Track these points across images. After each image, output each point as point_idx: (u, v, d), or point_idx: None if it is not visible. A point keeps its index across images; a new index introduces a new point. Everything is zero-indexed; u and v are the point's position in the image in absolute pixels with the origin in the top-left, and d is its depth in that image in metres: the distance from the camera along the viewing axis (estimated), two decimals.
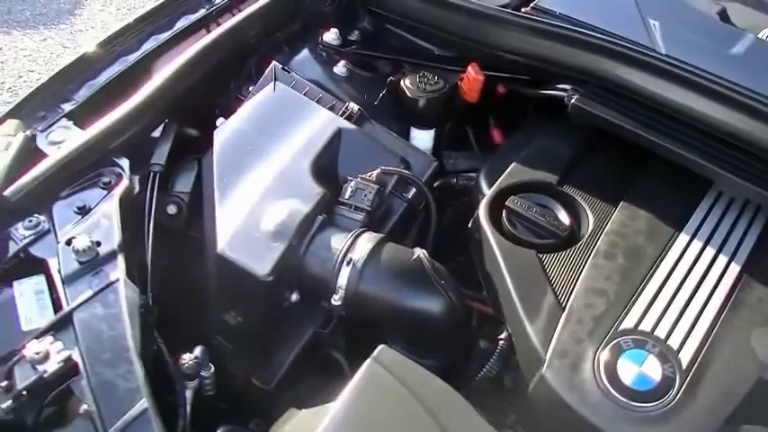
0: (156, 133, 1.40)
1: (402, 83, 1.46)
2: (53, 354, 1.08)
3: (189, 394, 1.14)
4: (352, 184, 1.25)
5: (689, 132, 1.28)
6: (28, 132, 1.35)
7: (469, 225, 1.28)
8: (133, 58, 1.49)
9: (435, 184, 1.43)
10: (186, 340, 1.17)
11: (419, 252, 1.18)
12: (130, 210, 1.26)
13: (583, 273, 1.17)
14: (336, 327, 1.26)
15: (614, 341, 1.09)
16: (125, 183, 1.27)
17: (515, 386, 1.16)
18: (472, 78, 1.45)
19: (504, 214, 1.25)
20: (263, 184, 1.25)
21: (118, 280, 1.14)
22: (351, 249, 1.16)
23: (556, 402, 1.07)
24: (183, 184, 1.34)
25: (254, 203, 1.22)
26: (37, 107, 1.40)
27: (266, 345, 1.27)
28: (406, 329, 1.17)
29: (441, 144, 1.52)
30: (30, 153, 1.34)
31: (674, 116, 1.29)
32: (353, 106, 1.38)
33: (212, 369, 1.19)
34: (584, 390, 1.06)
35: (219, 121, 1.39)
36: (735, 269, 1.18)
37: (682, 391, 1.05)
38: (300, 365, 1.27)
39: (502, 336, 1.18)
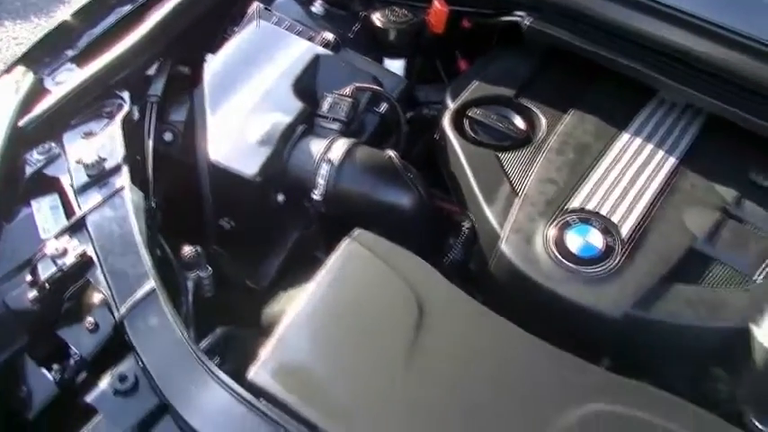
0: (152, 72, 1.55)
1: (373, 16, 1.61)
2: (70, 250, 1.23)
3: (190, 285, 1.29)
4: (329, 98, 1.40)
5: (633, 47, 1.43)
6: (36, 75, 1.49)
7: (435, 136, 1.43)
8: (127, 8, 1.64)
9: (408, 115, 1.58)
10: None
11: (390, 152, 1.34)
12: (131, 134, 1.40)
13: (536, 167, 1.32)
14: (319, 228, 1.41)
15: (563, 218, 1.25)
16: (126, 109, 1.42)
17: (479, 270, 1.31)
18: (437, 10, 1.60)
19: (466, 123, 1.41)
20: (249, 103, 1.40)
21: (124, 187, 1.29)
22: (329, 151, 1.31)
23: (513, 273, 1.22)
24: (178, 114, 1.48)
25: (242, 120, 1.37)
26: (42, 55, 1.54)
27: (258, 248, 1.42)
28: (381, 225, 1.31)
29: (412, 77, 1.67)
30: (38, 93, 1.48)
31: (619, 33, 1.44)
32: (329, 35, 1.54)
33: (210, 270, 1.33)
34: (537, 260, 1.21)
35: (209, 57, 1.54)
36: (672, 160, 1.33)
37: (622, 257, 1.20)
38: (289, 267, 1.42)
39: (465, 224, 1.33)
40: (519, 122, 1.41)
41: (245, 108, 1.39)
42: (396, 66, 1.63)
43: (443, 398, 1.03)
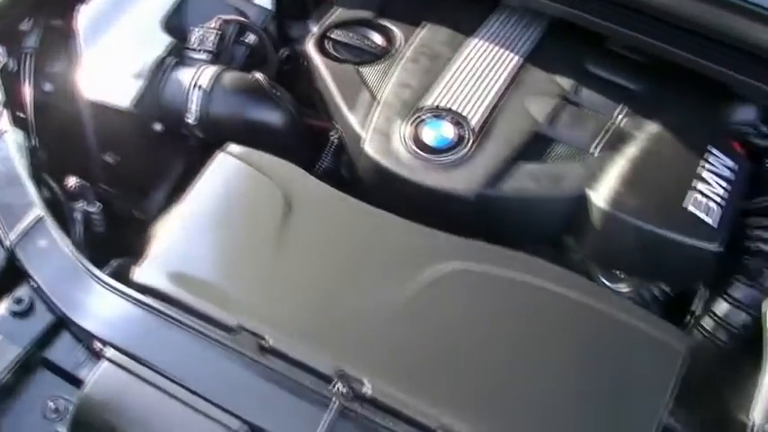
0: (26, 27, 1.61)
1: None
2: None
3: (78, 216, 1.36)
4: (197, 31, 1.49)
5: None
6: None
7: (302, 62, 1.53)
8: None
9: (282, 53, 1.67)
10: None
11: (257, 74, 1.43)
12: (9, 84, 1.46)
13: (393, 76, 1.44)
14: (202, 157, 1.50)
15: (417, 116, 1.37)
16: (2, 60, 1.47)
17: (349, 173, 1.42)
18: None
19: (329, 45, 1.51)
20: (121, 43, 1.48)
21: (5, 131, 1.36)
22: (198, 78, 1.40)
23: (376, 169, 1.34)
24: (55, 66, 1.55)
25: (115, 58, 1.45)
26: None
27: (144, 180, 1.50)
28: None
29: (280, 11, 1.75)
30: None
31: None
32: None
33: (99, 205, 1.41)
34: (397, 154, 1.33)
35: (81, 7, 1.61)
36: (517, 58, 1.47)
37: (472, 144, 1.33)
38: (177, 197, 1.51)
39: (333, 134, 1.44)
40: (377, 39, 1.52)
41: (118, 47, 1.46)
42: (265, 1, 1.71)
43: (312, 272, 1.14)
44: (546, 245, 1.39)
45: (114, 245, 1.40)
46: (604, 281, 1.38)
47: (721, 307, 1.31)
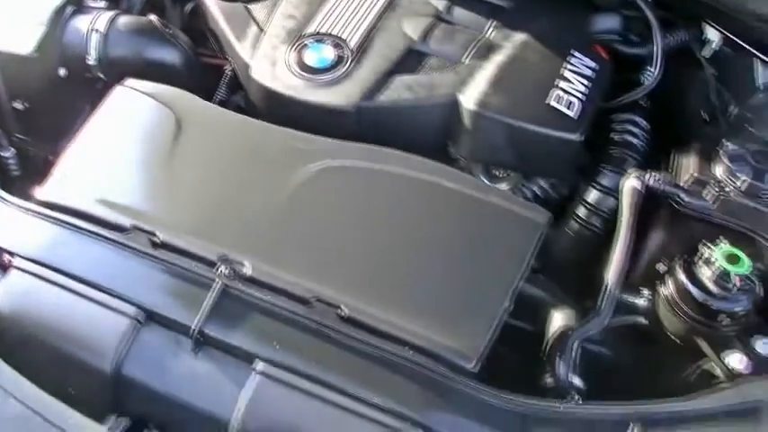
0: None
1: None
2: None
3: None
4: None
5: None
6: None
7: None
8: None
9: (187, 7, 1.77)
10: None
11: (152, 16, 1.54)
12: None
13: (278, 9, 1.55)
14: None
15: (300, 42, 1.48)
16: None
17: (245, 103, 1.53)
18: None
19: None
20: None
21: None
22: (95, 22, 1.50)
23: (265, 92, 1.44)
24: None
25: (15, 7, 1.54)
26: None
27: (55, 125, 1.60)
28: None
29: None
30: None
31: None
32: None
33: (13, 150, 1.51)
34: (282, 77, 1.44)
35: None
36: None
37: (351, 63, 1.44)
38: None
39: (226, 68, 1.54)
40: None
41: (17, 2, 1.56)
42: None
43: (199, 179, 1.25)
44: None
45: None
46: (485, 181, 1.49)
47: (592, 195, 1.43)
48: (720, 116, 1.59)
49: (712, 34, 1.61)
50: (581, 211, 1.42)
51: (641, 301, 1.31)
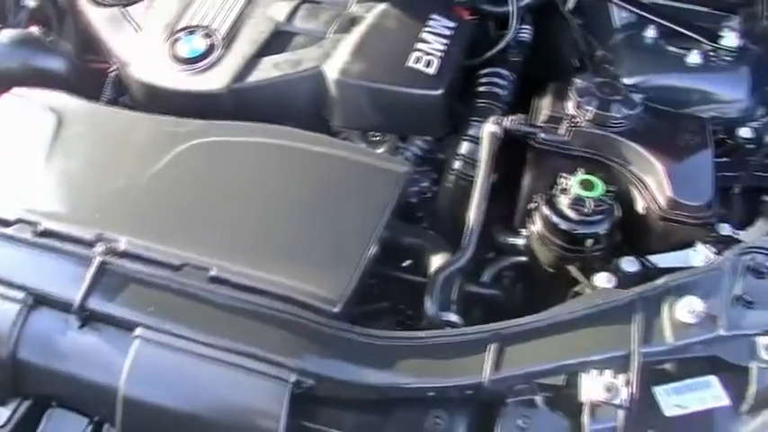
0: None
1: None
2: None
3: None
4: None
5: None
6: None
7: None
8: None
9: None
10: None
11: (33, 28, 1.61)
12: None
13: (152, 9, 1.62)
14: None
15: (174, 36, 1.56)
16: None
17: (131, 98, 1.61)
18: None
19: None
20: None
21: None
22: None
23: (145, 87, 1.52)
24: None
25: None
26: None
27: None
28: None
29: None
30: None
31: None
32: None
33: None
34: (159, 70, 1.52)
35: None
36: None
37: (221, 50, 1.52)
38: None
39: (110, 70, 1.62)
40: None
41: None
42: None
43: (77, 168, 1.32)
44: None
45: None
46: (364, 146, 1.57)
47: (464, 147, 1.51)
48: (588, 61, 1.68)
49: None
50: (456, 164, 1.50)
51: (520, 241, 1.39)
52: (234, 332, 1.12)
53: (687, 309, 1.10)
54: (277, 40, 1.53)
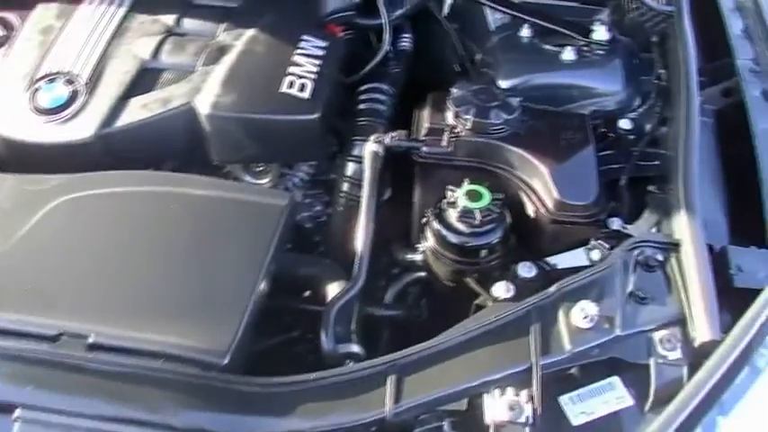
0: None
1: None
2: None
3: None
4: None
5: None
6: None
7: None
8: None
9: None
10: None
11: None
12: None
13: (10, 58, 1.53)
14: None
15: (34, 86, 1.47)
16: None
17: None
18: None
19: None
20: None
21: None
22: None
23: (6, 144, 1.43)
24: None
25: None
26: None
27: None
28: None
29: None
30: None
31: None
32: None
33: None
34: (21, 124, 1.43)
35: None
36: (122, 10, 1.58)
37: (86, 96, 1.44)
38: None
39: None
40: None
41: None
42: None
43: None
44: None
45: None
46: (249, 178, 1.52)
47: (349, 168, 1.48)
48: (469, 65, 1.67)
49: None
50: (344, 186, 1.46)
51: (418, 257, 1.36)
52: (119, 399, 1.05)
53: (582, 314, 1.09)
54: (144, 79, 1.45)
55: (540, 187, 1.31)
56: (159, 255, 1.20)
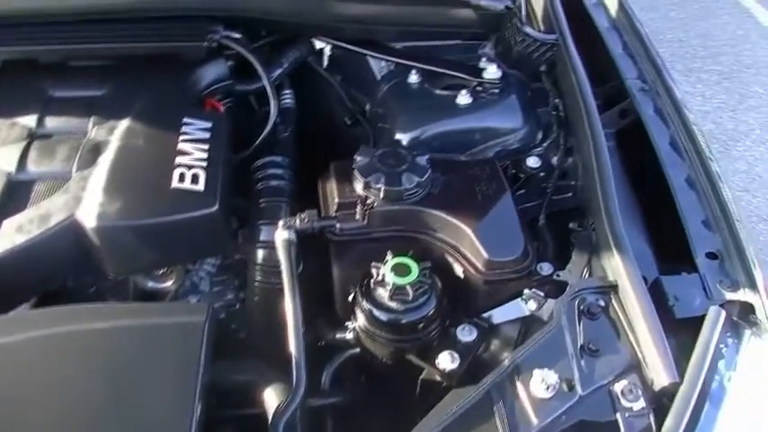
0: None
1: None
2: None
3: None
4: None
5: None
6: None
7: None
8: None
9: None
10: None
11: None
12: None
13: None
14: None
15: None
16: None
17: None
18: None
19: None
20: None
21: None
22: None
23: None
24: None
25: None
26: None
27: None
28: None
29: None
30: None
31: None
32: None
33: None
34: None
35: None
36: None
37: None
38: None
39: None
40: None
41: None
42: None
43: None
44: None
45: None
46: (151, 284, 1.38)
47: (259, 255, 1.36)
48: (361, 117, 1.59)
49: (320, 44, 1.60)
50: (258, 275, 1.35)
51: (349, 335, 1.27)
52: None
53: (542, 384, 1.04)
54: (13, 196, 1.29)
55: (467, 248, 1.25)
56: (84, 402, 1.06)
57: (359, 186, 1.30)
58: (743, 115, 3.65)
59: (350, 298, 1.25)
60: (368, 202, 1.28)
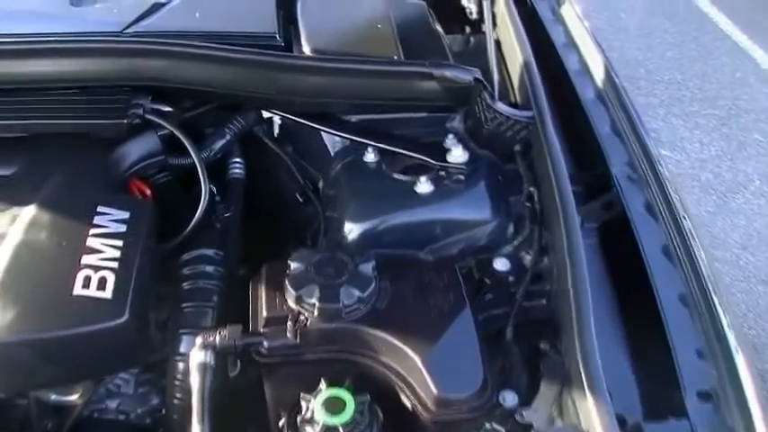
0: None
1: None
2: None
3: None
4: None
5: None
6: None
7: None
8: None
9: None
10: None
11: None
12: None
13: None
14: None
15: None
16: None
17: None
18: None
19: None
20: None
21: None
22: None
23: None
24: None
25: None
26: None
27: None
28: None
29: None
30: None
31: None
32: None
33: None
34: None
35: None
36: None
37: None
38: None
39: None
40: None
41: None
42: None
43: None
44: None
45: None
46: (54, 396, 1.20)
47: (178, 367, 1.17)
48: (313, 195, 1.40)
49: (269, 115, 1.41)
50: (176, 393, 1.16)
51: None
52: None
53: None
54: None
55: (415, 379, 1.05)
56: None
57: (290, 299, 1.10)
58: (742, 164, 3.47)
59: (280, 423, 1.05)
60: (300, 318, 1.08)
